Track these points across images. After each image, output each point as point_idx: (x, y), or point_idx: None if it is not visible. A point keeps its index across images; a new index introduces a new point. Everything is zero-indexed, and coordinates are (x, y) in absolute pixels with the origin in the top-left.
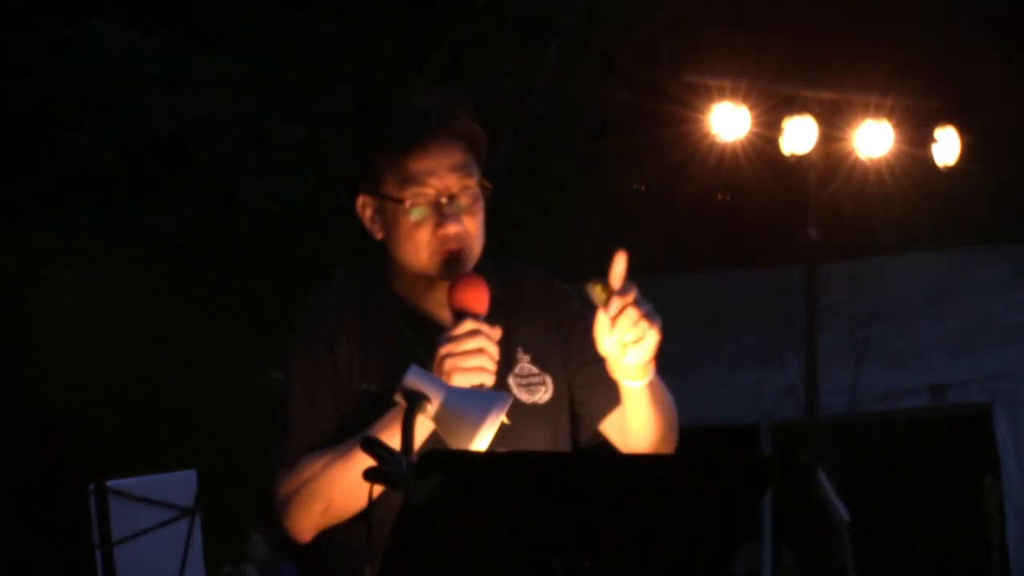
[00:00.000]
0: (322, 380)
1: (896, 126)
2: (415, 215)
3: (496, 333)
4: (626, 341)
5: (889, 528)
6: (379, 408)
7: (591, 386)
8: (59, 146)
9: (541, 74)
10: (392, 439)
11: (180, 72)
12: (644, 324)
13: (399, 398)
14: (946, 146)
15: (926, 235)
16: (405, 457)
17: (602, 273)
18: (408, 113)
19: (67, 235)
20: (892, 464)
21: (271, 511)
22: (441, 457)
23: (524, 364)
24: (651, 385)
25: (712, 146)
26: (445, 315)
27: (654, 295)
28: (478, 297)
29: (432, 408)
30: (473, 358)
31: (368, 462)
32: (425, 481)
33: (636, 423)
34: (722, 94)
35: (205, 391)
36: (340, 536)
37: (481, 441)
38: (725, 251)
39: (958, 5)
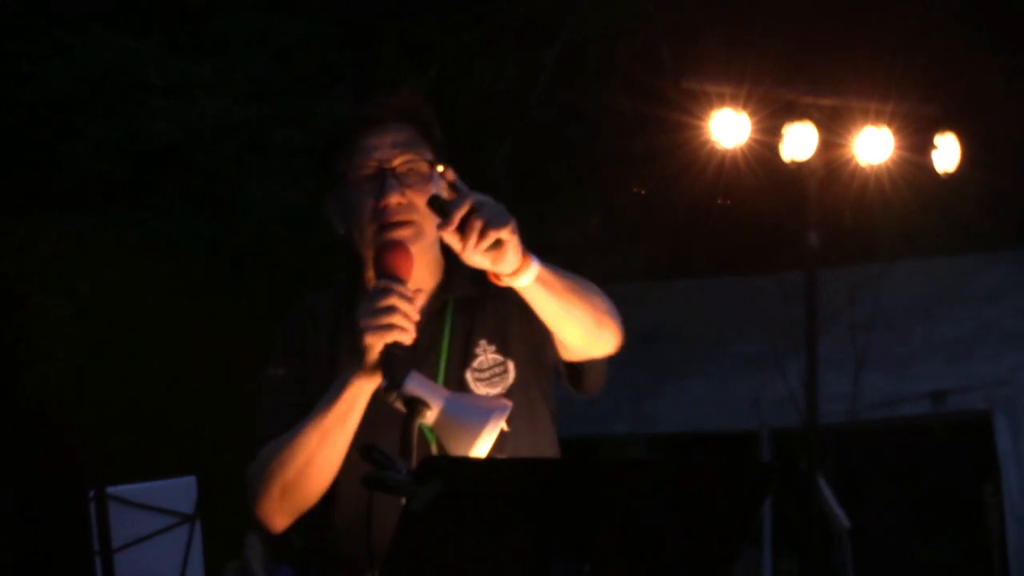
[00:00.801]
0: (295, 377)
1: (896, 132)
2: (360, 186)
3: (416, 296)
4: (482, 251)
5: (889, 535)
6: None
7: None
8: (59, 152)
9: (541, 80)
10: (327, 422)
11: (180, 78)
12: (490, 231)
13: (399, 405)
14: (946, 153)
15: (926, 241)
16: (404, 463)
17: (601, 277)
18: (358, 100)
19: (67, 240)
20: (892, 471)
21: None
22: (441, 463)
23: (485, 357)
24: (541, 280)
25: (712, 152)
26: None
27: (654, 300)
28: (397, 261)
29: (431, 414)
30: (384, 316)
31: (311, 439)
32: (425, 487)
33: (551, 321)
34: (722, 100)
35: (205, 397)
36: (339, 541)
37: (481, 447)
38: (725, 257)
39: (958, 12)
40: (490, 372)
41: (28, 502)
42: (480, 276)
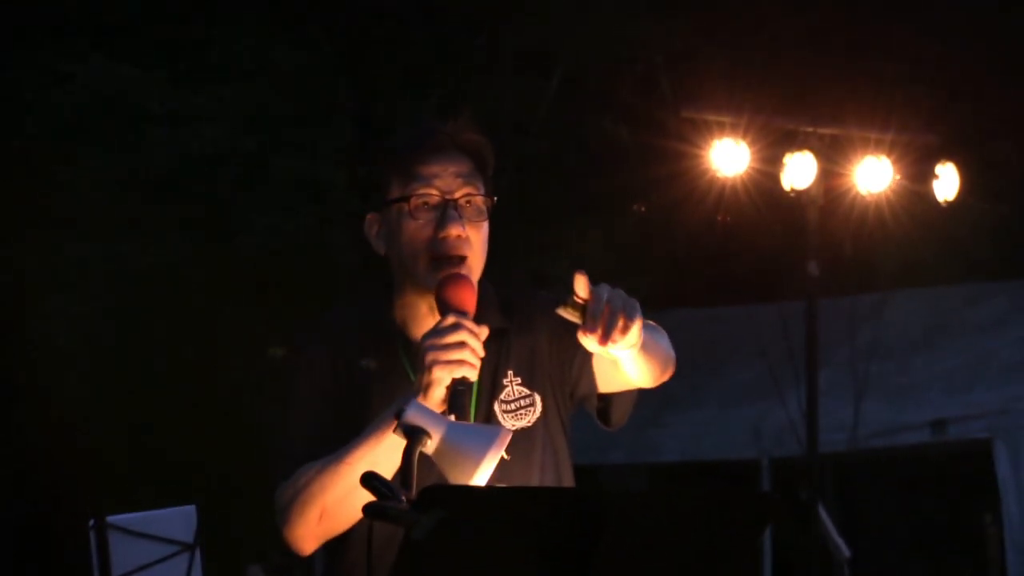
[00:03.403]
0: (322, 394)
1: (896, 162)
2: (418, 215)
3: (482, 332)
4: (616, 341)
5: (889, 564)
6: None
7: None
8: (59, 180)
9: (540, 109)
10: (378, 448)
11: (180, 107)
12: (630, 325)
13: (398, 433)
14: (946, 182)
15: (926, 271)
16: (405, 492)
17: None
18: (417, 126)
19: (67, 268)
20: (892, 500)
21: (272, 542)
22: (442, 492)
23: (512, 388)
24: (641, 345)
25: (712, 181)
26: None
27: None
28: (463, 295)
29: (432, 443)
30: (454, 352)
31: (358, 465)
32: (426, 516)
33: (630, 368)
34: (722, 129)
35: (206, 425)
36: (341, 570)
37: (481, 476)
38: (725, 286)
39: (957, 42)
40: (516, 404)
41: (29, 531)
42: (508, 308)
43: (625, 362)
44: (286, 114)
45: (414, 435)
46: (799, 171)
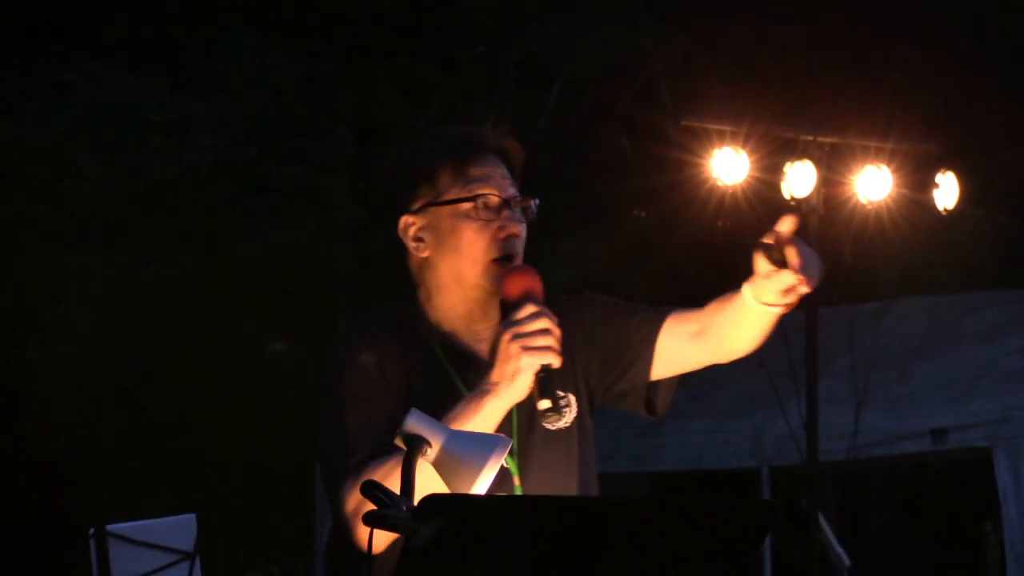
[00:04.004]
0: (378, 393)
1: (896, 171)
2: (480, 215)
3: (556, 321)
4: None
5: (890, 573)
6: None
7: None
8: (60, 190)
9: (541, 120)
10: (469, 423)
11: (180, 117)
12: (813, 274)
13: (399, 442)
14: (946, 191)
15: (926, 279)
16: (405, 500)
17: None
18: (463, 130)
19: (67, 279)
20: (893, 509)
21: (272, 552)
22: (442, 501)
23: None
24: None
25: (712, 190)
26: (482, 348)
27: None
28: (535, 285)
29: (432, 452)
30: (540, 338)
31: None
32: (426, 525)
33: (747, 333)
34: (722, 138)
35: (206, 436)
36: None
37: (481, 485)
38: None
39: (957, 51)
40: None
41: (29, 540)
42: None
43: (764, 319)
44: (286, 124)
45: (414, 444)
46: (799, 180)
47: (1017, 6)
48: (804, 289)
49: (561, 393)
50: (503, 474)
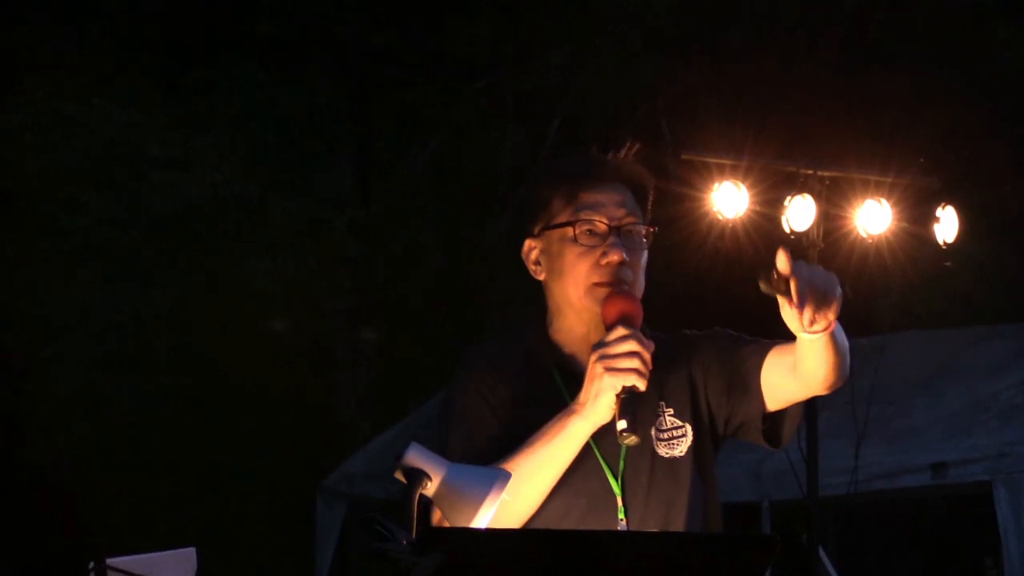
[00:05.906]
0: (483, 414)
1: (896, 205)
2: (583, 240)
3: (650, 346)
4: (819, 322)
5: None
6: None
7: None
8: (61, 224)
9: (541, 153)
10: (558, 440)
11: (181, 151)
12: (825, 297)
13: (399, 476)
14: (946, 225)
15: (926, 314)
16: (405, 534)
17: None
18: (583, 156)
19: (69, 312)
20: (893, 543)
21: None
22: (442, 534)
23: (666, 418)
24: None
25: (712, 224)
26: None
27: None
28: (630, 310)
29: (433, 485)
30: (625, 360)
31: (542, 452)
32: (427, 558)
33: (812, 365)
34: (722, 172)
35: (207, 468)
36: None
37: (482, 518)
38: (725, 328)
39: (958, 85)
40: (669, 434)
41: (30, 574)
42: (657, 342)
43: (815, 347)
44: (287, 157)
45: (414, 477)
46: (799, 214)
47: (1016, 40)
48: (818, 318)
49: (666, 417)
50: (606, 495)
